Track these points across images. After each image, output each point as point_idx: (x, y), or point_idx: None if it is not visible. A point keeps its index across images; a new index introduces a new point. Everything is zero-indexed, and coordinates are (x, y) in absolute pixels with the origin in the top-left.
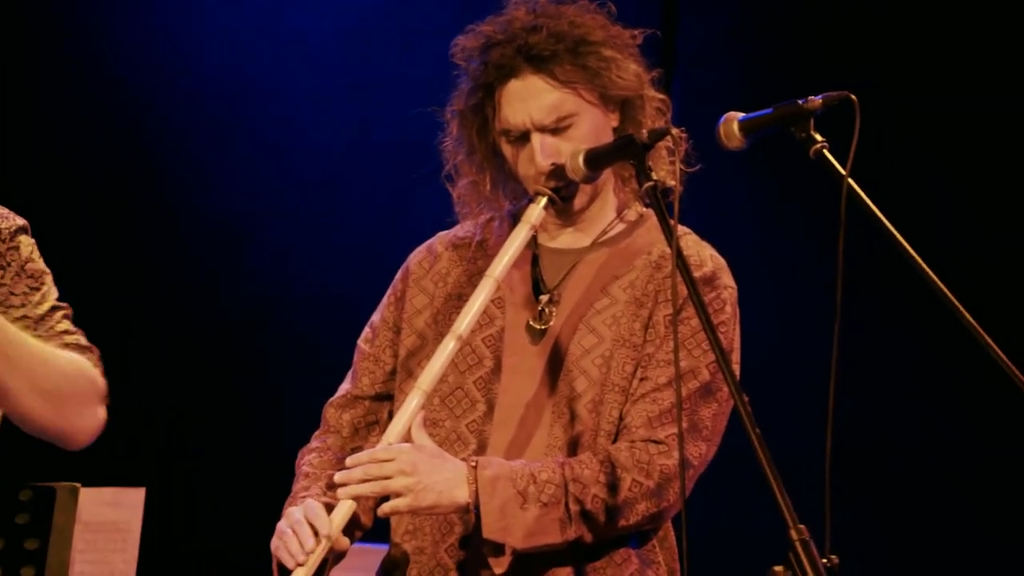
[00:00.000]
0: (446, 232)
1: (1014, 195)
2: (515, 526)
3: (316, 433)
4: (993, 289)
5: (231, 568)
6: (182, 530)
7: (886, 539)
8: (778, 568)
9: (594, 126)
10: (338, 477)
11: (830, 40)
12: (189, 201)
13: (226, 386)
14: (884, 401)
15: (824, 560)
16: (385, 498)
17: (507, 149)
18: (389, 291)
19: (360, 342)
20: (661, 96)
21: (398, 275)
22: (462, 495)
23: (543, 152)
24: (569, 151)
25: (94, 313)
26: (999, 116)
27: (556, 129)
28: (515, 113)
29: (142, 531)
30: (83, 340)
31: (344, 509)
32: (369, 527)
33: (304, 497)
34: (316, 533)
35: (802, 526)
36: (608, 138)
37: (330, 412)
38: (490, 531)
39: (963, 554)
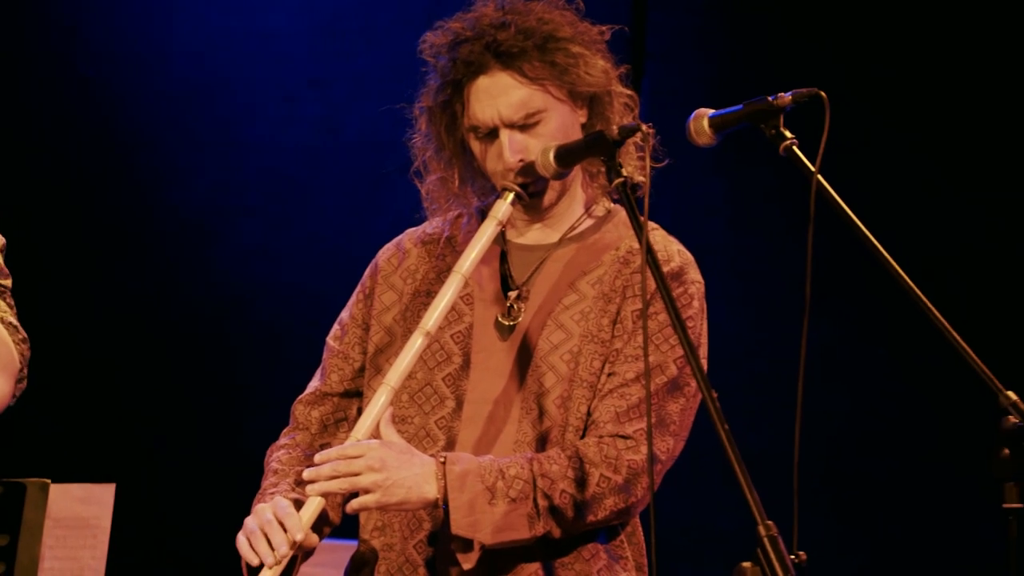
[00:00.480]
0: (415, 229)
1: (984, 193)
2: (484, 522)
3: (285, 430)
4: (961, 284)
5: (200, 564)
6: (152, 526)
7: (854, 535)
8: (746, 564)
9: (562, 122)
10: (307, 474)
11: (800, 36)
12: (157, 198)
13: (196, 383)
14: (853, 397)
15: (792, 556)
16: (354, 494)
17: (475, 145)
18: (358, 288)
19: (329, 339)
20: (629, 92)
21: (367, 272)
22: (431, 491)
23: (511, 148)
24: (537, 147)
25: (63, 310)
26: (971, 113)
27: (524, 125)
28: (484, 109)
29: (112, 527)
30: (13, 320)
31: (313, 506)
32: (338, 523)
33: (273, 493)
34: (285, 531)
35: (770, 522)
36: (576, 134)
37: (299, 409)
38: (459, 527)
39: (930, 549)
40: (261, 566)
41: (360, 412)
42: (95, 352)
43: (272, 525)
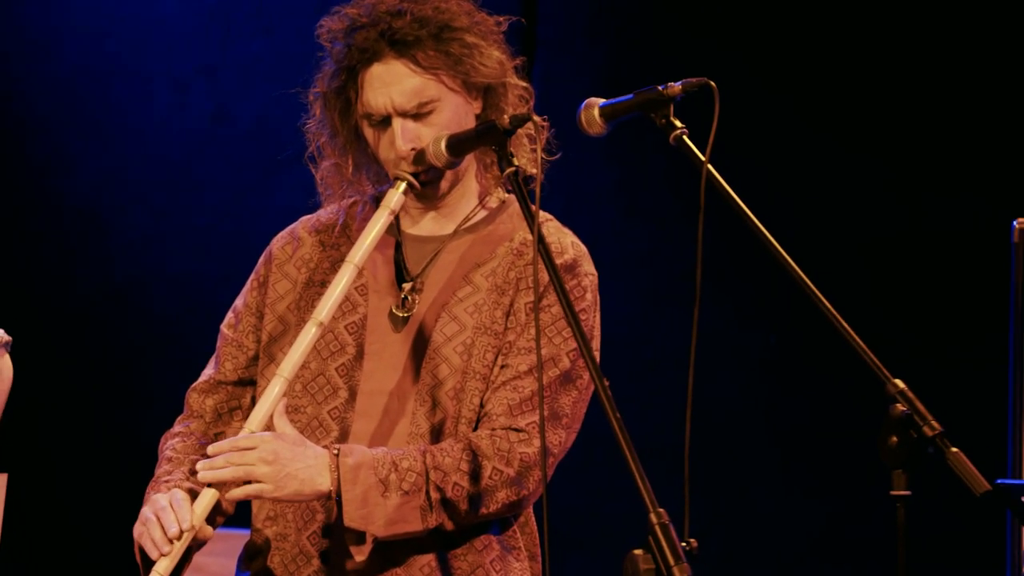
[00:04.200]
0: (309, 216)
1: (878, 182)
2: (376, 514)
3: (179, 418)
4: (852, 273)
5: (94, 553)
6: (45, 516)
7: (744, 522)
8: (638, 552)
9: (456, 112)
10: (200, 466)
11: (691, 25)
12: (46, 185)
13: (89, 371)
14: (743, 386)
15: (683, 543)
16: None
17: (369, 132)
18: (252, 276)
19: (223, 327)
20: (524, 84)
21: (261, 260)
22: (324, 483)
23: (404, 137)
24: (430, 136)
25: None
26: (866, 101)
27: (417, 114)
28: (377, 97)
29: (4, 518)
30: None
31: (207, 498)
32: (231, 513)
33: (167, 482)
34: (180, 522)
35: (662, 510)
36: (470, 125)
37: (193, 397)
38: (351, 519)
39: (820, 536)
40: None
41: (254, 401)
42: None
43: (167, 512)
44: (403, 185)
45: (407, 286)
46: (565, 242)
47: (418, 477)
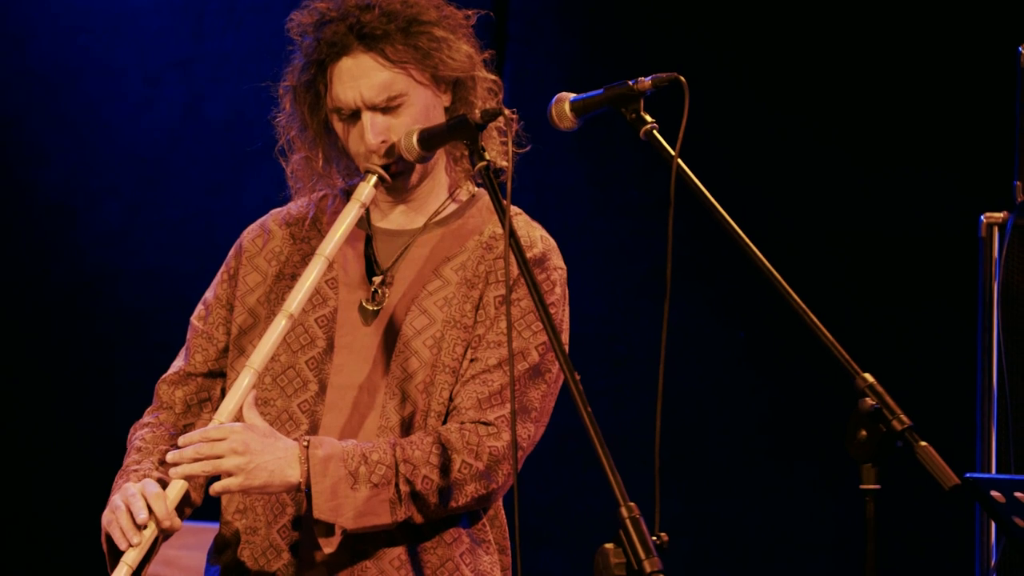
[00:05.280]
0: (279, 209)
1: (848, 177)
2: (345, 506)
3: (148, 409)
4: (824, 267)
5: (62, 543)
6: (13, 506)
7: (714, 517)
8: (609, 545)
9: (425, 106)
10: (170, 457)
11: (660, 20)
12: (19, 178)
13: (60, 364)
14: (713, 380)
15: (654, 538)
16: (217, 477)
17: (339, 126)
18: (222, 268)
19: (193, 319)
20: (493, 77)
21: (231, 252)
22: (294, 475)
23: (373, 130)
24: (400, 130)
25: None
26: (835, 95)
27: (387, 108)
28: (346, 91)
29: None
30: None
31: (176, 489)
32: (199, 504)
33: (136, 471)
34: (151, 512)
35: (632, 504)
36: (440, 118)
37: (163, 388)
38: (320, 511)
39: (790, 530)
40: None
41: (223, 393)
42: None
43: (136, 500)
44: (374, 178)
45: (377, 279)
46: (534, 236)
47: (387, 470)
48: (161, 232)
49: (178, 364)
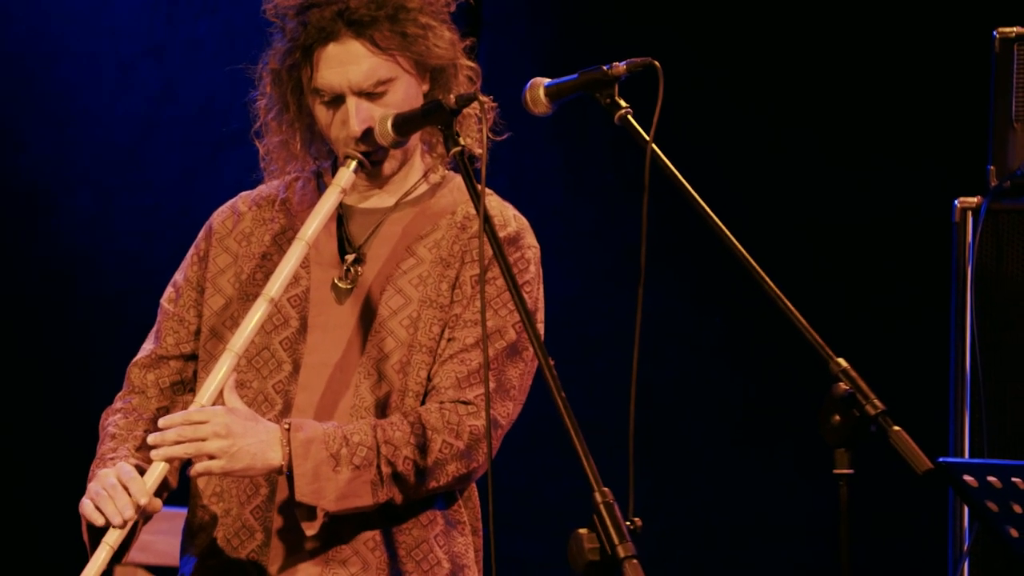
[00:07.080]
0: (249, 192)
1: (823, 162)
2: (327, 489)
3: (120, 394)
4: (799, 253)
5: (38, 530)
6: None
7: (688, 502)
8: (582, 530)
9: (408, 93)
10: (152, 439)
11: (634, 6)
12: None
13: (35, 350)
14: (688, 365)
15: (628, 523)
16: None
17: (320, 110)
18: (192, 250)
19: (163, 301)
20: (472, 64)
21: (200, 234)
22: (275, 457)
23: (358, 116)
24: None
25: None
26: (811, 82)
27: (372, 94)
28: (333, 76)
29: None
30: None
31: (157, 471)
32: (175, 487)
33: (112, 459)
34: (130, 495)
35: (606, 488)
36: (419, 104)
37: (134, 372)
38: (302, 494)
39: (764, 515)
40: (104, 530)
41: (196, 375)
42: None
43: (117, 488)
44: (354, 164)
45: (349, 257)
46: (507, 215)
47: (369, 451)
48: (137, 218)
49: (148, 347)
